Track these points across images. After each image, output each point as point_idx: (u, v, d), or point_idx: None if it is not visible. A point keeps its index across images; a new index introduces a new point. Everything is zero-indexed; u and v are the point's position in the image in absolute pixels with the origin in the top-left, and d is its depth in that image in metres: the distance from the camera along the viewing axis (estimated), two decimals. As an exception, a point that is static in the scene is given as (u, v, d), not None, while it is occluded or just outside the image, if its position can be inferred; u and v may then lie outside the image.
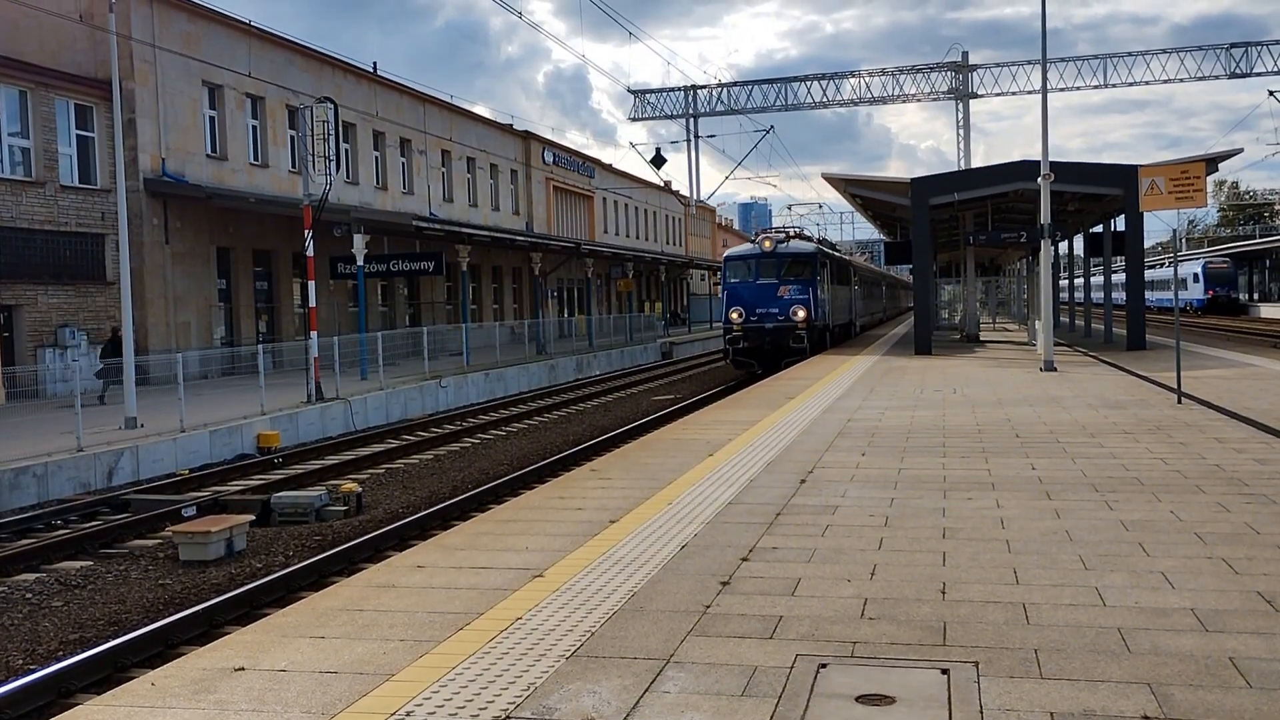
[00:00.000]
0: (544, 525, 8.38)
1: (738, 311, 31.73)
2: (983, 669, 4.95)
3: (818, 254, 33.07)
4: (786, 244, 32.97)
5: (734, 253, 34.28)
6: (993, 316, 64.51)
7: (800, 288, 31.67)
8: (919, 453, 11.75)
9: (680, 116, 53.72)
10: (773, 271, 32.11)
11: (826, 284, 33.84)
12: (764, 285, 31.97)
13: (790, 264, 32.24)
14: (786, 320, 31.33)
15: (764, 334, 31.38)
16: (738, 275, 32.75)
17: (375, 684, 4.95)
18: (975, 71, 53.28)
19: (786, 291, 31.53)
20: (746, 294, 32.01)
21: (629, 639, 5.51)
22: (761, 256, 32.47)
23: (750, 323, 31.63)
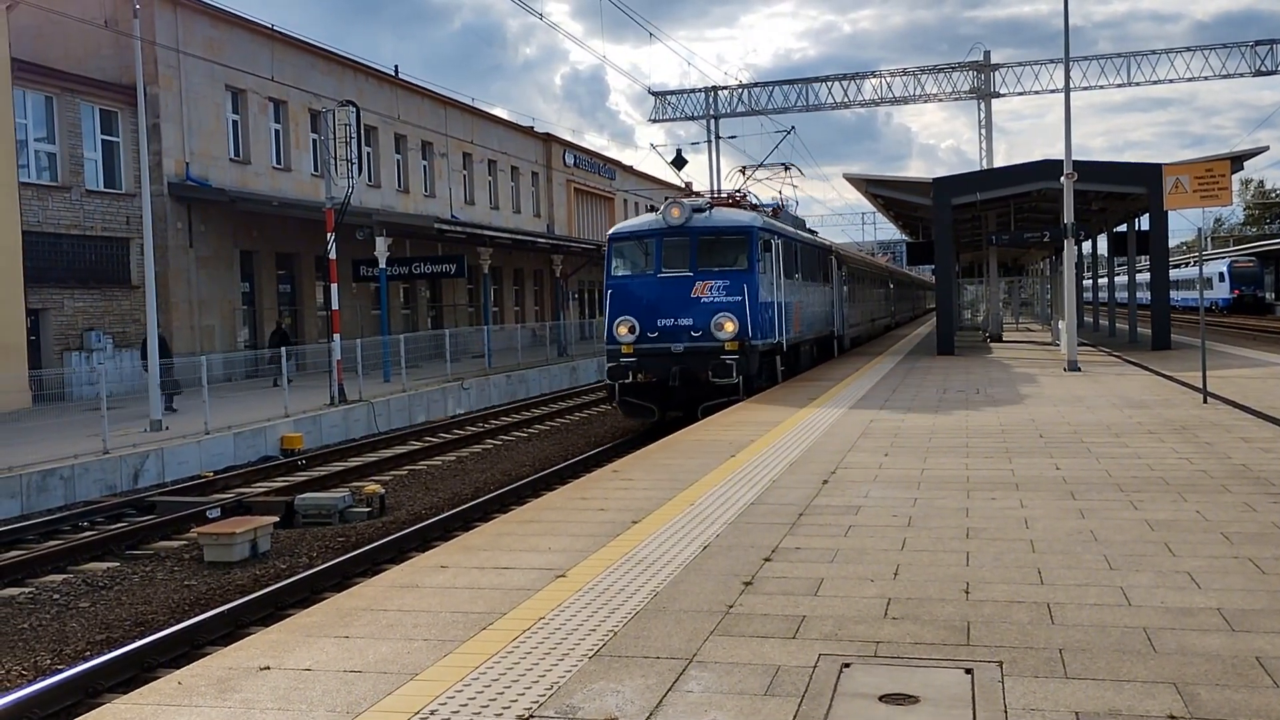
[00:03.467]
0: (566, 526, 8.40)
1: (628, 324, 19.76)
2: (1007, 669, 4.93)
3: (758, 230, 20.44)
4: (708, 214, 20.44)
5: (624, 229, 21.46)
6: (1016, 317, 64.22)
7: (730, 284, 19.63)
8: (942, 453, 11.70)
9: (701, 117, 53.66)
10: (684, 258, 20.00)
11: (776, 278, 21.47)
12: (670, 281, 19.84)
13: (713, 246, 20.21)
14: (705, 338, 19.38)
15: (669, 361, 19.37)
16: (630, 265, 20.77)
17: (399, 683, 4.97)
18: (997, 71, 53.04)
19: (706, 290, 19.62)
20: (642, 296, 19.98)
21: (652, 638, 5.51)
22: (667, 234, 20.06)
23: (647, 342, 19.60)
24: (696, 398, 19.38)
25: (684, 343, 19.46)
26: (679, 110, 54.40)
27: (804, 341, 25.31)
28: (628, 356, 19.65)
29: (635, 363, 19.57)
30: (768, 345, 20.64)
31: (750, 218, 20.94)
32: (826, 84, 52.90)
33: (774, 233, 21.74)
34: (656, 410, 20.25)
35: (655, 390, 19.86)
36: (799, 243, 25.19)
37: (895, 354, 31.17)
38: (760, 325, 19.98)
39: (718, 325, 19.33)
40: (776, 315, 21.33)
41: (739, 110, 53.55)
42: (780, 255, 22.00)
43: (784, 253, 22.49)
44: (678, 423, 18.35)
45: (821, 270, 28.63)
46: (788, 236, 23.56)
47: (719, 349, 19.19)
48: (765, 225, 21.21)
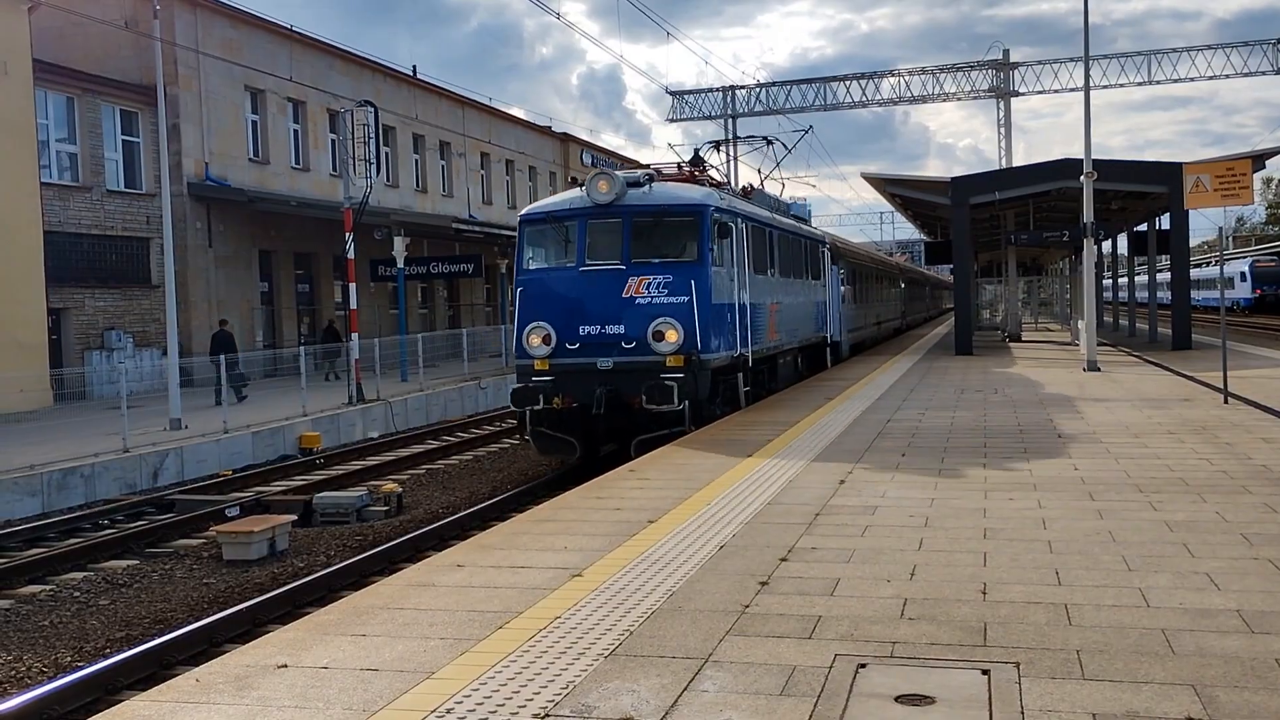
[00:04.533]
0: (582, 525, 8.41)
1: (541, 333, 15.39)
2: (1024, 670, 4.91)
3: (713, 210, 15.84)
4: (646, 190, 15.84)
5: (539, 209, 16.67)
6: (1035, 316, 63.96)
7: (673, 281, 15.16)
8: (960, 453, 11.66)
9: (719, 117, 53.67)
10: (614, 247, 15.52)
11: (738, 272, 16.84)
12: (596, 277, 15.38)
13: (653, 230, 15.69)
14: (640, 351, 15.00)
15: (593, 381, 15.04)
16: (545, 256, 16.25)
17: (415, 681, 4.98)
18: (1016, 69, 52.84)
19: (643, 289, 15.19)
20: (560, 295, 15.53)
21: (667, 638, 5.51)
22: (592, 215, 15.70)
23: (567, 356, 15.29)
24: (628, 429, 15.03)
25: (613, 357, 14.93)
26: (697, 110, 54.40)
27: (784, 351, 20.63)
28: (541, 375, 15.21)
29: (550, 383, 15.09)
30: (725, 359, 15.96)
31: (703, 194, 16.09)
32: (844, 83, 52.85)
33: (737, 215, 16.96)
34: (578, 446, 15.71)
35: (577, 419, 15.41)
36: (775, 230, 20.15)
37: (908, 358, 30.86)
38: (714, 333, 15.35)
39: (656, 334, 14.74)
40: (739, 320, 16.60)
41: (757, 110, 53.53)
42: (746, 244, 17.33)
43: (752, 241, 17.81)
44: (613, 459, 14.40)
45: (811, 265, 24.06)
46: (758, 221, 18.64)
47: (657, 365, 14.73)
48: (724, 205, 16.46)
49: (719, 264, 15.83)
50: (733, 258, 16.58)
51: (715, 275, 15.60)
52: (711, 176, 19.30)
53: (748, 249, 17.51)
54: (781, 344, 20.29)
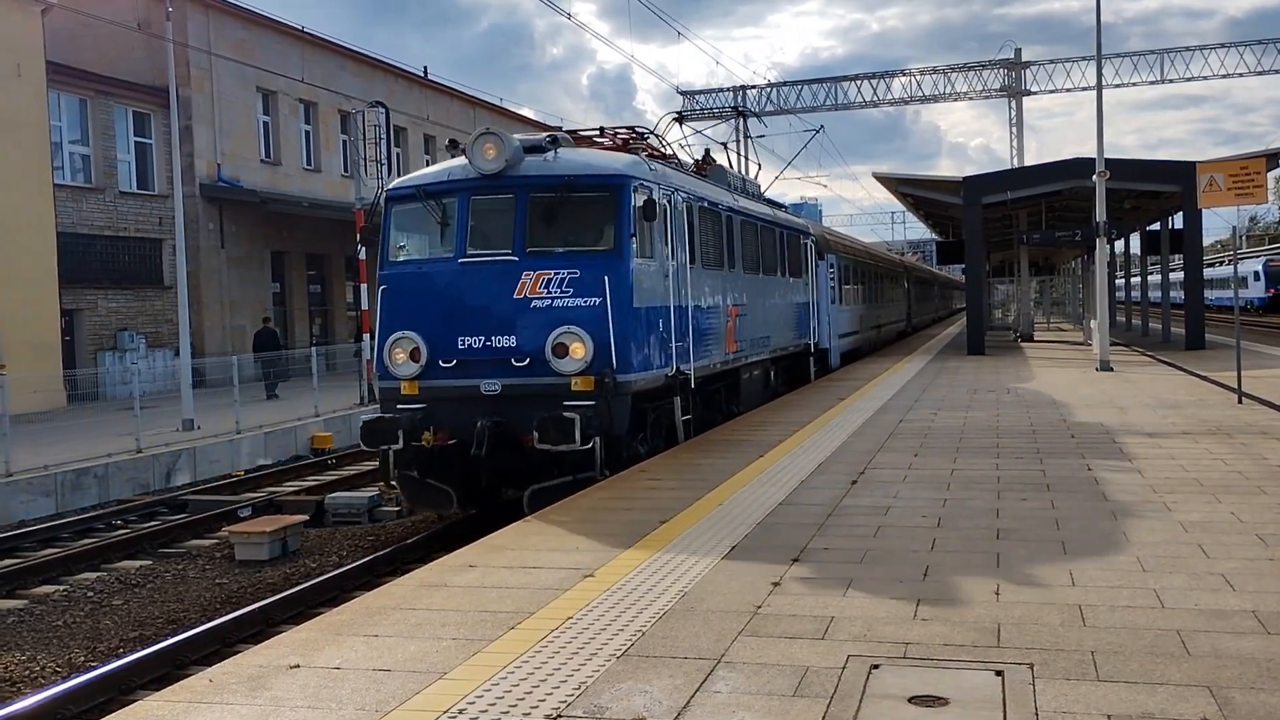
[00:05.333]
0: (594, 525, 8.40)
1: (407, 346, 11.81)
2: (1038, 671, 4.89)
3: (636, 182, 12.26)
4: (549, 157, 12.18)
5: (409, 182, 13.04)
6: (1047, 316, 63.79)
7: (582, 276, 11.62)
8: (972, 453, 11.63)
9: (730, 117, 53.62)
10: (504, 231, 11.96)
11: (677, 265, 13.35)
12: (480, 271, 11.83)
13: (555, 210, 12.00)
14: (536, 370, 11.51)
15: (474, 411, 11.42)
16: (416, 244, 12.82)
17: (428, 682, 4.98)
18: (1028, 68, 52.69)
19: (541, 287, 11.63)
20: (433, 297, 11.95)
21: (680, 639, 5.50)
22: (476, 189, 12.07)
23: (441, 377, 11.75)
24: (522, 474, 11.58)
25: (501, 378, 11.35)
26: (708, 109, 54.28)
27: (749, 365, 17.12)
28: (409, 401, 11.59)
29: (420, 414, 11.40)
30: (654, 380, 12.26)
31: (626, 162, 12.42)
32: (855, 83, 52.76)
33: (675, 192, 13.33)
34: (455, 497, 12.07)
35: (455, 461, 11.63)
36: (737, 215, 16.62)
37: (919, 358, 30.70)
38: (637, 346, 11.73)
39: (558, 348, 11.17)
40: (677, 328, 12.91)
41: (768, 110, 53.43)
42: (690, 230, 13.76)
43: (701, 227, 14.38)
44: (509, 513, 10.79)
45: (790, 260, 20.67)
46: (710, 203, 15.06)
47: (559, 389, 11.18)
48: (654, 178, 12.65)
49: (646, 255, 12.17)
50: (667, 247, 12.84)
51: (640, 269, 11.89)
52: (655, 146, 15.04)
53: (693, 237, 13.94)
54: (744, 356, 16.61)
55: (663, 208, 12.72)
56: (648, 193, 12.25)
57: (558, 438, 10.75)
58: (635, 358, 11.72)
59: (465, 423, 11.31)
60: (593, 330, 11.28)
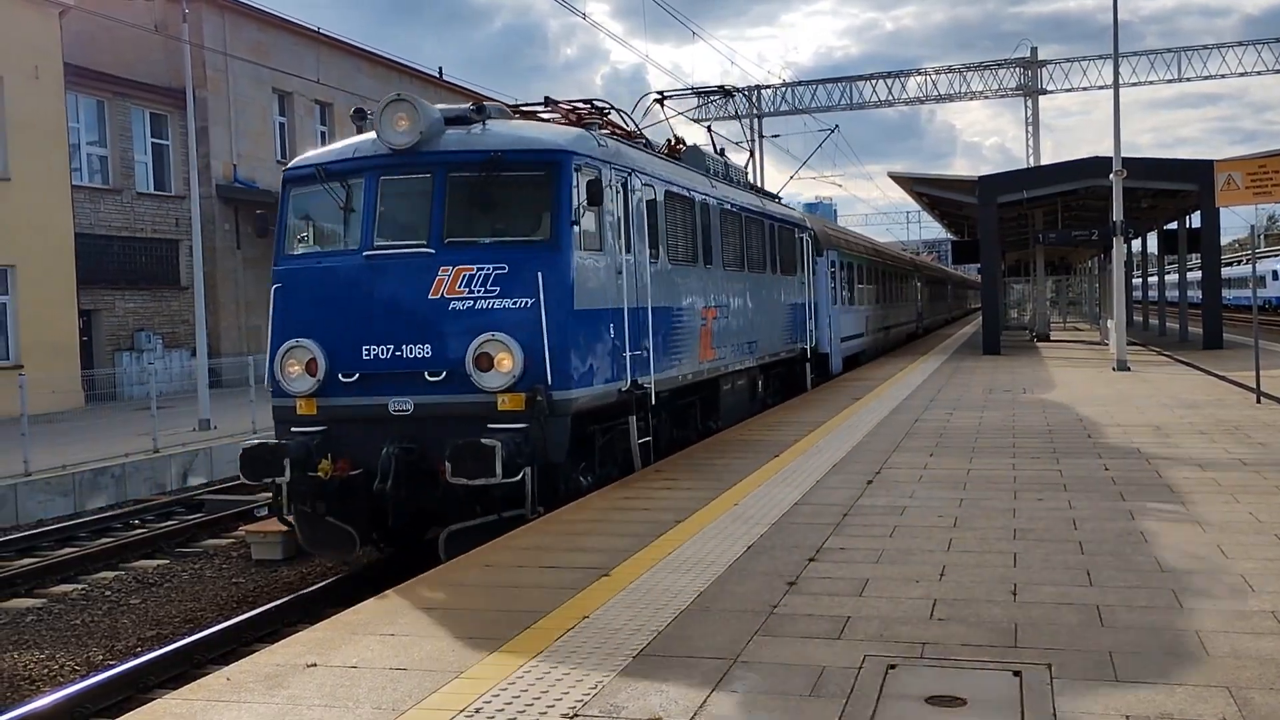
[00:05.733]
0: (610, 525, 8.40)
1: (303, 357, 9.87)
2: (1056, 671, 4.87)
3: (578, 161, 10.20)
4: (474, 130, 10.34)
5: (309, 160, 10.86)
6: (1063, 316, 63.54)
7: (511, 272, 9.65)
8: (988, 453, 11.59)
9: (744, 117, 53.55)
10: (419, 218, 10.06)
11: (633, 258, 11.33)
12: (389, 267, 9.90)
13: (479, 192, 10.06)
14: (455, 386, 9.52)
15: (381, 435, 9.48)
16: (316, 234, 10.79)
17: (444, 681, 4.99)
18: (1044, 67, 52.50)
19: (461, 285, 9.64)
20: (335, 295, 9.98)
21: (696, 638, 5.50)
22: (386, 168, 10.15)
23: (342, 394, 9.81)
24: (440, 511, 9.64)
25: (413, 395, 9.59)
26: (722, 109, 54.21)
27: (731, 374, 15.34)
28: (306, 422, 9.83)
29: (316, 438, 9.67)
30: (602, 396, 10.40)
31: (568, 136, 10.53)
32: (870, 82, 52.63)
33: (630, 173, 11.33)
34: (357, 539, 9.99)
35: (359, 496, 9.65)
36: (715, 204, 14.65)
37: (935, 358, 30.61)
38: (579, 355, 9.92)
39: (481, 359, 9.39)
40: (633, 334, 11.00)
41: (782, 109, 53.39)
42: (652, 218, 11.91)
43: (666, 214, 12.41)
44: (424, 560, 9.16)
45: (783, 256, 18.89)
46: (679, 188, 13.13)
47: (484, 409, 9.40)
48: (603, 156, 10.73)
49: (592, 247, 10.27)
50: (622, 238, 10.97)
51: (584, 264, 10.02)
52: (618, 124, 13.19)
53: (658, 227, 12.07)
54: (724, 365, 14.83)
55: (615, 192, 10.85)
56: (595, 173, 10.32)
57: (474, 469, 8.87)
58: (577, 370, 9.85)
59: (371, 449, 9.42)
60: (523, 337, 9.42)
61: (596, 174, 10.34)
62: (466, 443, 8.95)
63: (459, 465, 8.93)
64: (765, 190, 20.50)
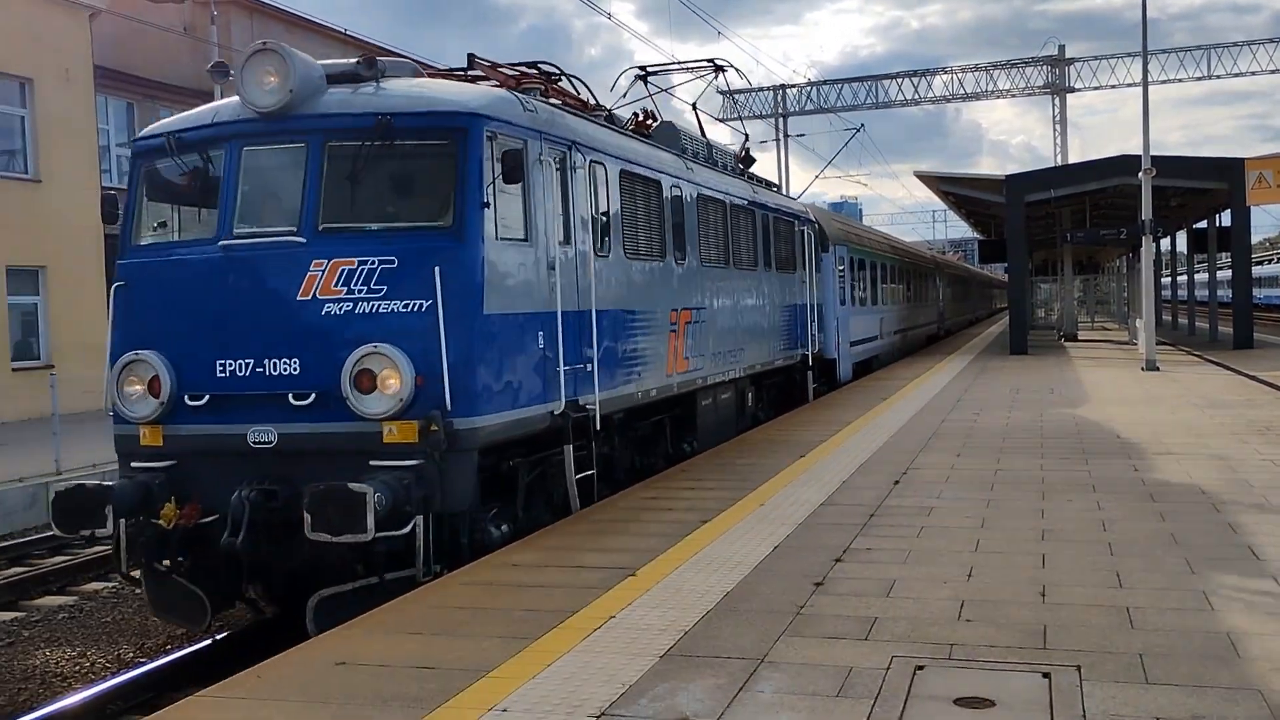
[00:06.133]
0: (635, 525, 8.41)
1: (145, 373, 7.98)
2: (1085, 673, 4.84)
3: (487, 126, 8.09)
4: (365, 89, 8.29)
5: (162, 128, 8.66)
6: (1091, 315, 63.10)
7: (400, 266, 7.70)
8: (1016, 454, 11.53)
9: (769, 116, 53.47)
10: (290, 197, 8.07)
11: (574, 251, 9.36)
12: (250, 258, 7.94)
13: (366, 165, 8.03)
14: (331, 412, 7.58)
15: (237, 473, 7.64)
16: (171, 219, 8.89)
17: (471, 679, 5.01)
18: (1072, 65, 52.17)
19: (338, 283, 7.71)
20: (184, 296, 8.11)
21: (723, 638, 5.50)
22: (252, 135, 8.16)
23: (190, 419, 7.89)
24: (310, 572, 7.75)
25: (276, 423, 7.81)
26: (747, 109, 54.18)
27: (709, 388, 13.24)
28: (149, 455, 8.11)
29: (161, 474, 7.97)
30: (526, 423, 8.49)
31: (479, 97, 8.59)
32: (896, 81, 52.43)
33: (575, 146, 9.50)
34: (207, 604, 8.15)
35: (212, 550, 7.80)
36: (690, 189, 12.69)
37: (960, 358, 30.47)
38: (495, 371, 8.10)
39: (362, 377, 7.59)
40: (569, 343, 9.03)
41: (808, 108, 53.26)
42: (600, 201, 10.05)
43: (622, 199, 10.58)
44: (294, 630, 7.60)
45: (781, 251, 17.08)
46: (634, 167, 11.02)
47: (366, 441, 7.62)
48: (528, 122, 8.78)
49: (512, 236, 8.36)
50: (555, 225, 8.93)
51: (499, 257, 8.11)
52: (569, 91, 11.39)
53: (610, 214, 10.26)
54: (702, 376, 12.80)
55: (549, 168, 8.88)
56: (517, 142, 8.36)
57: (339, 522, 6.95)
58: (488, 390, 7.91)
59: (226, 491, 7.58)
60: (415, 349, 7.51)
61: (521, 144, 8.38)
62: (329, 488, 7.01)
63: (319, 517, 7.00)
64: (759, 177, 18.15)
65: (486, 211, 7.98)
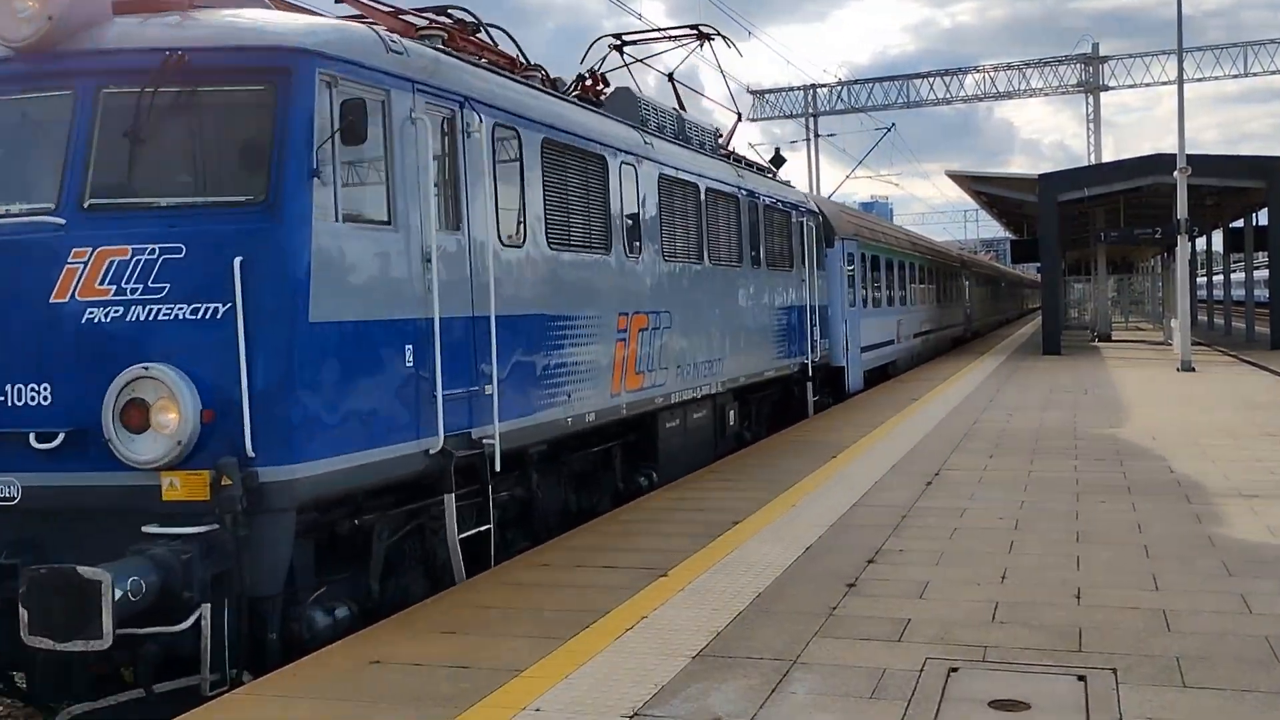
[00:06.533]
0: (666, 526, 8.41)
1: None
2: (1121, 676, 4.81)
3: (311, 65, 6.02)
4: (167, 22, 6.15)
5: None
6: (1125, 315, 62.58)
7: (193, 251, 5.74)
8: (1050, 455, 11.45)
9: (800, 116, 53.31)
10: (47, 164, 6.08)
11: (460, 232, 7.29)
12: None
13: (150, 118, 5.86)
14: (88, 458, 5.67)
15: None
16: None
17: (505, 679, 5.03)
18: (1106, 63, 51.72)
19: (100, 277, 5.74)
20: None
21: (755, 639, 5.50)
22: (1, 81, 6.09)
23: None
24: (56, 676, 5.94)
25: (18, 471, 5.82)
26: (777, 109, 54.08)
27: (674, 407, 11.14)
28: None
29: None
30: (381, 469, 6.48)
31: (312, 34, 6.35)
32: (928, 80, 52.14)
33: (464, 102, 7.51)
34: None
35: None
36: (650, 168, 10.81)
37: (992, 358, 30.27)
38: (324, 400, 6.07)
39: (129, 410, 5.65)
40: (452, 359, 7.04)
41: (838, 108, 53.05)
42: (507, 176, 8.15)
43: (538, 173, 8.57)
44: None
45: (769, 246, 14.68)
46: (561, 135, 9.00)
47: (137, 498, 5.67)
48: (388, 65, 6.73)
49: (365, 216, 6.62)
50: (435, 205, 7.01)
51: (336, 244, 6.28)
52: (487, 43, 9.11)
53: (523, 192, 8.27)
54: (661, 393, 10.64)
55: (425, 130, 6.89)
56: (371, 92, 6.47)
57: (64, 625, 5.16)
58: (315, 425, 5.96)
59: None
60: (203, 372, 5.71)
61: (380, 95, 6.53)
62: (51, 573, 5.19)
63: (38, 615, 5.18)
64: (749, 160, 16.01)
65: (317, 183, 6.01)
